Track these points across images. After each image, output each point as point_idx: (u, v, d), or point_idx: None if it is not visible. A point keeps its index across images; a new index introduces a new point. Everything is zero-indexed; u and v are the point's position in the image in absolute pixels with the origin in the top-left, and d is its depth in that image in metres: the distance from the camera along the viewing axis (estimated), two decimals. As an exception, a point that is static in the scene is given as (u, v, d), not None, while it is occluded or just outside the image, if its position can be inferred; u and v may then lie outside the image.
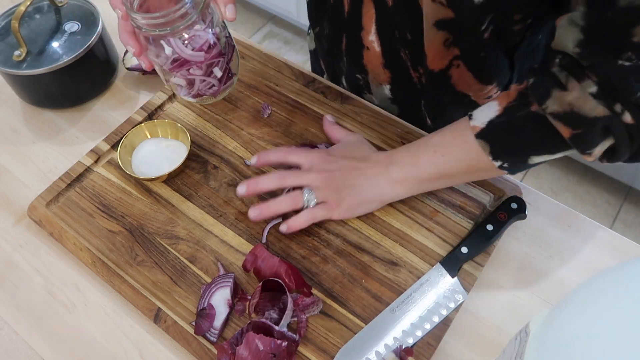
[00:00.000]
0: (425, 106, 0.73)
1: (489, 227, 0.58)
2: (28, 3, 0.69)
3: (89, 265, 0.59)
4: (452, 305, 0.54)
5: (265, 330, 0.52)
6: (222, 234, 0.61)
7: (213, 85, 0.59)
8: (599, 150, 0.47)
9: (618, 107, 0.43)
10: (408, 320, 0.54)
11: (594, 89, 0.44)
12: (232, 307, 0.55)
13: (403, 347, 0.52)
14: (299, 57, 2.04)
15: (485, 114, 0.53)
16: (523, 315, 0.55)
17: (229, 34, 0.59)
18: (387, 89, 0.72)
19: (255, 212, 0.58)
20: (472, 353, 0.54)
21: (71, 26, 0.73)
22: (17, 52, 0.69)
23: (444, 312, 0.54)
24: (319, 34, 0.76)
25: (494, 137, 0.52)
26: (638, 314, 0.26)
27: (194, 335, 0.54)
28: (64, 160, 0.69)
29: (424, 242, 0.60)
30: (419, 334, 0.53)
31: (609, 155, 0.48)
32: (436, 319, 0.54)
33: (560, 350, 0.29)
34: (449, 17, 0.55)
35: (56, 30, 0.72)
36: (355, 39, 0.68)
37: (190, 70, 0.56)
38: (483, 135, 0.52)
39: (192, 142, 0.67)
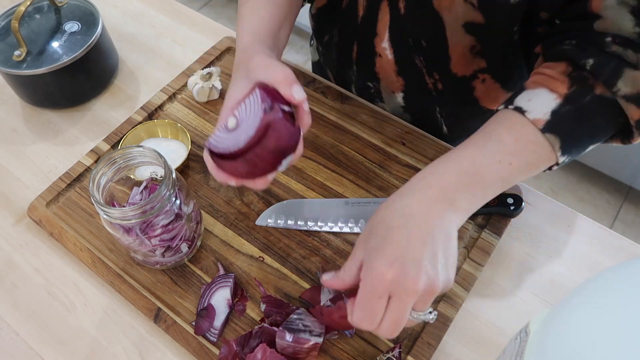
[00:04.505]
0: (441, 113, 0.72)
1: None
2: (28, 3, 0.69)
3: (89, 265, 0.59)
4: None
5: (274, 339, 0.51)
6: (222, 234, 0.61)
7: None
8: None
9: None
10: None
11: None
12: (232, 307, 0.55)
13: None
14: (299, 57, 2.03)
15: (542, 104, 0.46)
16: (523, 315, 0.55)
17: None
18: (399, 97, 0.71)
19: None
20: (472, 353, 0.54)
21: (71, 26, 0.73)
22: (17, 52, 0.69)
23: None
24: (327, 43, 0.75)
25: (563, 129, 0.46)
26: (638, 314, 0.26)
27: (194, 335, 0.54)
28: (64, 160, 0.69)
29: (424, 242, 0.60)
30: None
31: None
32: None
33: (560, 350, 0.29)
34: (478, 22, 0.55)
35: (56, 30, 0.72)
36: (367, 46, 0.67)
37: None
38: (551, 128, 0.46)
39: (192, 142, 0.67)
